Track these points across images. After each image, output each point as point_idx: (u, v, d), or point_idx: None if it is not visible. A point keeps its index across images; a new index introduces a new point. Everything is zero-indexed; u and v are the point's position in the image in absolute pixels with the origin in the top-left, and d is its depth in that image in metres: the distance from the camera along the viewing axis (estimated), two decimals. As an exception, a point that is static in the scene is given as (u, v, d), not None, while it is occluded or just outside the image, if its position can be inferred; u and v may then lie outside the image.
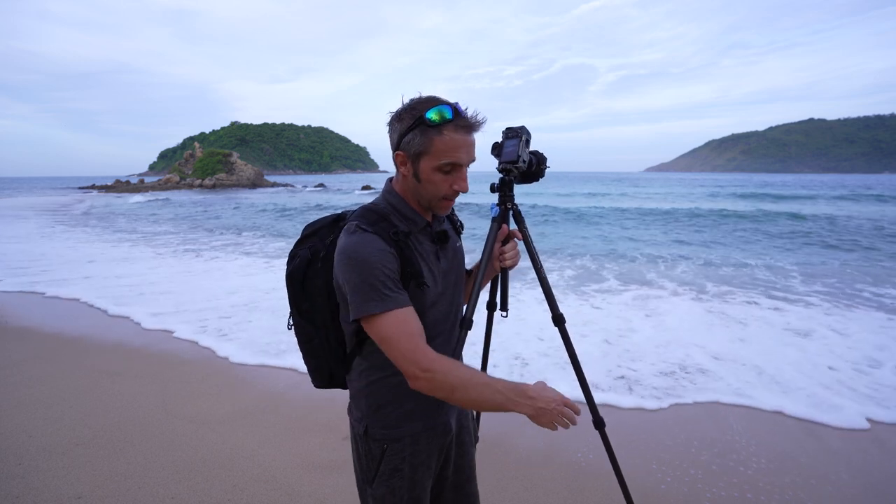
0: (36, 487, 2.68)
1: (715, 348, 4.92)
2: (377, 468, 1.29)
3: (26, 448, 3.08)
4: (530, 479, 2.80)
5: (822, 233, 15.29)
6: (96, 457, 3.00)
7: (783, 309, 6.45)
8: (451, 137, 1.13)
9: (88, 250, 11.85)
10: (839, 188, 50.30)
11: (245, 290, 7.46)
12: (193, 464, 2.94)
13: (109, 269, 9.27)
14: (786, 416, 3.60)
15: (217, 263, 10.16)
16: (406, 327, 1.13)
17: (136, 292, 7.37)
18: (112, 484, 2.73)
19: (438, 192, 1.20)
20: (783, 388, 4.00)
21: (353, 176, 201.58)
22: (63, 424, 3.39)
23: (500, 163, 1.40)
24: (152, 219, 21.43)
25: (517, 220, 1.48)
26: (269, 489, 2.71)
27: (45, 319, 5.89)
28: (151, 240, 14.20)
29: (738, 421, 3.51)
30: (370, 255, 1.13)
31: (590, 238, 14.50)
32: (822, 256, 11.14)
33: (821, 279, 8.39)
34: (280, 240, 14.28)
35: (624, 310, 6.41)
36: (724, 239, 14.24)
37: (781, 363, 4.50)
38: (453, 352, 1.35)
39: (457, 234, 1.43)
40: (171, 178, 58.12)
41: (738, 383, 4.10)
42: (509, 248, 1.43)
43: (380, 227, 1.19)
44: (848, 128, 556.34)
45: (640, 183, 70.07)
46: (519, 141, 1.37)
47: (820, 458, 3.04)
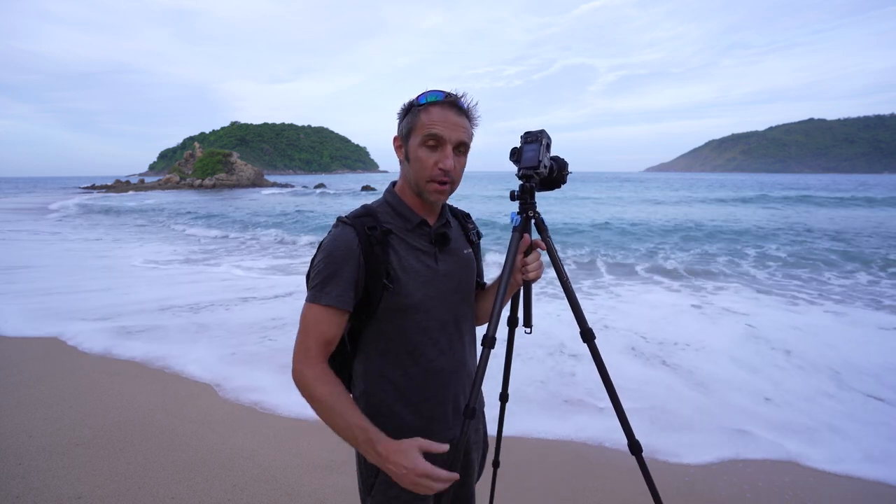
0: (36, 487, 2.68)
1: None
2: (375, 477, 1.27)
3: (26, 448, 3.08)
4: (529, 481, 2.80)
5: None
6: (96, 457, 3.00)
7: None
8: (435, 111, 1.17)
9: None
10: (870, 188, 47.89)
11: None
12: (193, 464, 2.94)
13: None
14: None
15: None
16: (313, 324, 1.17)
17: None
18: (112, 484, 2.73)
19: (424, 170, 1.18)
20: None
21: (353, 176, 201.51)
22: (63, 424, 3.39)
23: (519, 169, 1.33)
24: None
25: (539, 229, 1.38)
26: (269, 489, 2.71)
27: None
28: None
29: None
30: (333, 250, 1.18)
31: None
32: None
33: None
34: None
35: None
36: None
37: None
38: (475, 371, 1.22)
39: (469, 243, 1.39)
40: (171, 178, 58.14)
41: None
42: (532, 260, 1.34)
43: (359, 220, 1.21)
44: (848, 128, 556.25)
45: (648, 183, 68.20)
46: (539, 146, 1.31)
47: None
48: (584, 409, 3.63)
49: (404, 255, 1.23)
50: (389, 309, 1.22)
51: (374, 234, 1.19)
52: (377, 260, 1.18)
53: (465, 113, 1.20)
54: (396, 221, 1.25)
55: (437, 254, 1.27)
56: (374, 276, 1.18)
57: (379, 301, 1.21)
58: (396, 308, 1.21)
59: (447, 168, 1.17)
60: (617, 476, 2.83)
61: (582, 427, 3.38)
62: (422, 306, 1.23)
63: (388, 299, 1.20)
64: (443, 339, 1.27)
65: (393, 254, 1.21)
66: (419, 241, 1.26)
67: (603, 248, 12.38)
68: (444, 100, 1.17)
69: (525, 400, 3.73)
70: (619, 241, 13.67)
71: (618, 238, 14.48)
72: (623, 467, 2.88)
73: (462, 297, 1.33)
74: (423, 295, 1.23)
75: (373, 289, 1.19)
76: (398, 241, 1.23)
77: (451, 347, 1.30)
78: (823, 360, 4.54)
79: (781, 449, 3.13)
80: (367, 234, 1.19)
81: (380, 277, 1.18)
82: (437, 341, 1.27)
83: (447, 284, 1.28)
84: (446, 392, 1.29)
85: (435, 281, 1.25)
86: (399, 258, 1.22)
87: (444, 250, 1.29)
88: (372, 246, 1.18)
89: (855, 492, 2.76)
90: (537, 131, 1.32)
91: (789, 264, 10.12)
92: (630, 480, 2.75)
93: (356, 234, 1.19)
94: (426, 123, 1.16)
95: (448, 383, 1.29)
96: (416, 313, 1.23)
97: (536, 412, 3.59)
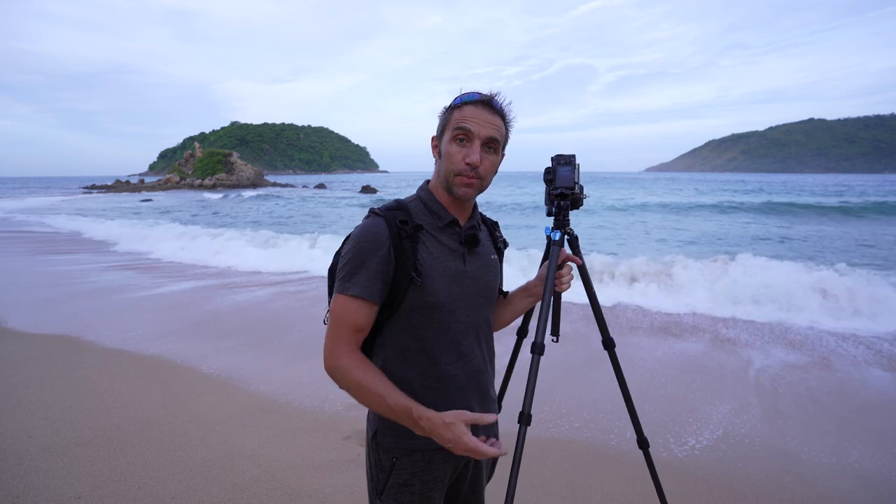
0: (36, 487, 2.68)
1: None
2: (386, 480, 1.25)
3: (26, 448, 3.07)
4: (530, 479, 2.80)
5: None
6: (96, 457, 3.00)
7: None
8: (468, 109, 1.20)
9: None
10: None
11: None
12: (193, 464, 2.94)
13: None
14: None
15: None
16: (341, 314, 1.17)
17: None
18: (112, 484, 2.73)
19: (453, 164, 1.20)
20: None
21: (353, 176, 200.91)
22: (63, 424, 3.39)
23: (555, 188, 1.44)
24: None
25: (572, 245, 1.52)
26: (270, 489, 2.71)
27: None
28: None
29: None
30: (362, 240, 1.18)
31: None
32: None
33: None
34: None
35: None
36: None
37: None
38: (491, 377, 1.37)
39: (495, 249, 1.40)
40: (171, 178, 58.16)
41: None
42: (565, 273, 1.45)
43: (391, 213, 1.22)
44: (848, 128, 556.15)
45: (655, 184, 64.43)
46: (573, 168, 1.43)
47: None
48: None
49: (434, 252, 1.22)
50: (413, 306, 1.21)
51: (405, 228, 1.20)
52: (405, 254, 1.18)
53: (499, 113, 1.22)
54: (428, 218, 1.25)
55: (465, 254, 1.27)
56: (402, 270, 1.18)
57: (404, 297, 1.20)
58: (421, 305, 1.21)
59: (473, 162, 1.17)
60: (616, 475, 2.83)
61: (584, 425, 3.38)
62: (446, 306, 1.23)
63: (413, 295, 1.20)
64: (463, 342, 1.26)
65: (423, 249, 1.21)
66: (449, 239, 1.26)
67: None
68: (478, 99, 1.20)
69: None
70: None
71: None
72: (624, 464, 2.87)
73: (486, 301, 1.33)
74: (448, 294, 1.23)
75: (399, 283, 1.19)
76: (429, 238, 1.23)
77: (471, 352, 1.28)
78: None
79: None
80: (399, 228, 1.19)
81: (407, 271, 1.18)
82: (459, 344, 1.26)
83: (473, 286, 1.28)
84: (461, 396, 1.26)
85: (462, 281, 1.25)
86: (429, 254, 1.22)
87: (473, 252, 1.29)
88: (402, 239, 1.19)
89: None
90: (569, 155, 1.44)
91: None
92: (631, 479, 2.75)
93: (387, 225, 1.19)
94: (458, 119, 1.20)
95: (464, 387, 1.27)
96: (441, 312, 1.23)
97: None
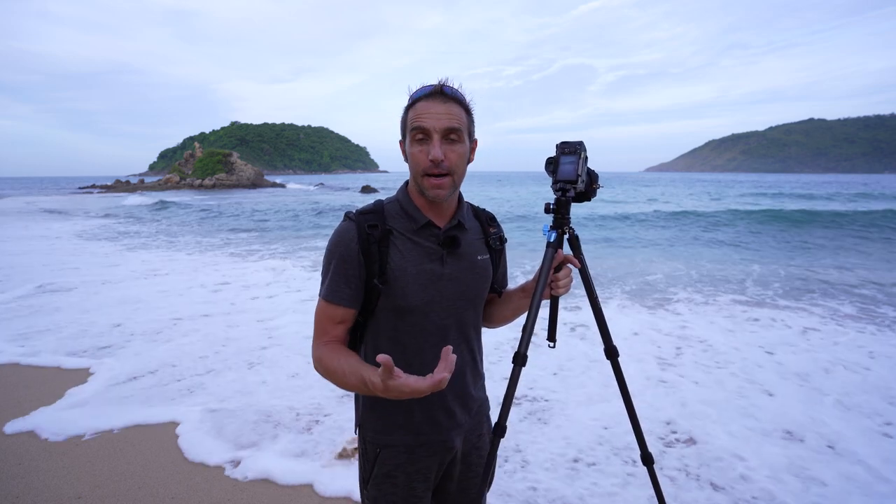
0: (36, 487, 2.68)
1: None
2: (371, 470, 1.28)
3: (26, 448, 3.07)
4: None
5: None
6: (96, 457, 2.99)
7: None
8: (420, 105, 1.15)
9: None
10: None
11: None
12: (193, 464, 2.94)
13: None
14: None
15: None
16: (318, 315, 1.22)
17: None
18: (112, 484, 2.73)
19: (417, 165, 1.16)
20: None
21: (353, 176, 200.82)
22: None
23: (555, 181, 1.29)
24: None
25: (573, 245, 1.36)
26: (270, 489, 2.70)
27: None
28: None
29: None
30: (332, 245, 1.22)
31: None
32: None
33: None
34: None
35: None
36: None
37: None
38: (474, 380, 1.34)
39: (487, 248, 1.33)
40: (171, 178, 58.14)
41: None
42: (563, 276, 1.32)
43: (363, 217, 1.22)
44: (848, 128, 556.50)
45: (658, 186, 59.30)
46: (577, 158, 1.27)
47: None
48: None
49: (407, 255, 1.21)
50: (386, 309, 1.21)
51: (373, 233, 1.18)
52: (372, 259, 1.18)
53: (454, 99, 1.16)
54: (403, 221, 1.23)
55: (444, 256, 1.23)
56: (370, 275, 1.19)
57: (377, 300, 1.20)
58: (392, 308, 1.21)
59: (435, 158, 1.13)
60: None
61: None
62: (420, 309, 1.21)
63: (385, 299, 1.20)
64: (439, 344, 1.21)
65: (395, 252, 1.20)
66: (426, 241, 1.23)
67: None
68: (428, 92, 1.16)
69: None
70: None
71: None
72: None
73: (469, 303, 1.28)
74: (422, 297, 1.21)
75: (371, 286, 1.20)
76: (402, 240, 1.22)
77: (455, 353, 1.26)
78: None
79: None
80: (367, 233, 1.18)
81: (373, 276, 1.18)
82: (434, 346, 1.22)
83: (452, 288, 1.24)
84: (437, 396, 1.24)
85: (438, 284, 1.22)
86: (401, 257, 1.20)
87: (454, 253, 1.24)
88: (370, 244, 1.18)
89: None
90: (575, 143, 1.29)
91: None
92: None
93: (357, 230, 1.19)
94: (413, 119, 1.16)
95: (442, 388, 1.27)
96: (413, 315, 1.21)
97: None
